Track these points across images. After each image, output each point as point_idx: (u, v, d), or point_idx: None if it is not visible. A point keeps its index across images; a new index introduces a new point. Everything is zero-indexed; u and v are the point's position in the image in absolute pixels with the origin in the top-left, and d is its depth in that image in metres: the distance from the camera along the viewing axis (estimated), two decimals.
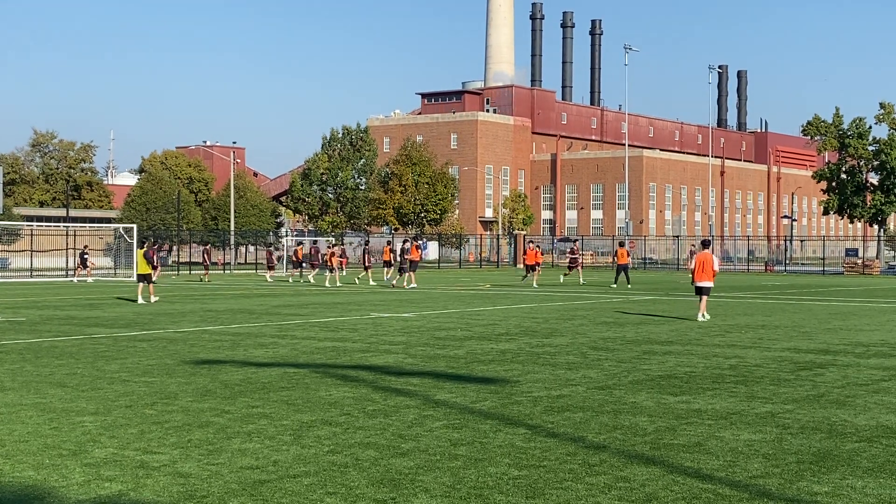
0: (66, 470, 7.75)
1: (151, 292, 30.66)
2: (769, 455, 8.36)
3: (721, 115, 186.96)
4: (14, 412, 10.31)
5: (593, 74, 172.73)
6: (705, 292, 22.98)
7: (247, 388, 11.98)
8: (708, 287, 22.99)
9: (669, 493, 7.12)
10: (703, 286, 22.95)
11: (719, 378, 13.02)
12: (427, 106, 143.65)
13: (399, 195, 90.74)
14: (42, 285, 44.82)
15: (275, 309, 27.06)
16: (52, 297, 33.90)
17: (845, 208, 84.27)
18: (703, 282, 22.94)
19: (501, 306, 28.41)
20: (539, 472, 7.70)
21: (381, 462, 8.03)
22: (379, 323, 22.11)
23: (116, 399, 11.15)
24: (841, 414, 10.33)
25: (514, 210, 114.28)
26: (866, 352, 16.38)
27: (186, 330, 20.23)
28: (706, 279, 22.93)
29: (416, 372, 13.56)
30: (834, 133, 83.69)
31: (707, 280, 22.94)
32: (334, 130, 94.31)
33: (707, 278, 22.93)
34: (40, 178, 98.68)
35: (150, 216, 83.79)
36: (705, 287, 22.94)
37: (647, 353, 16.06)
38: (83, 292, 37.14)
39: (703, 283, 22.95)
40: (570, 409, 10.54)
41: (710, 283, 23.02)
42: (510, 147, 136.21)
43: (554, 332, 19.97)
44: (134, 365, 14.25)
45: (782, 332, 19.98)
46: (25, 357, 15.30)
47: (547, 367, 14.17)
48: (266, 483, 7.36)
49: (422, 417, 9.99)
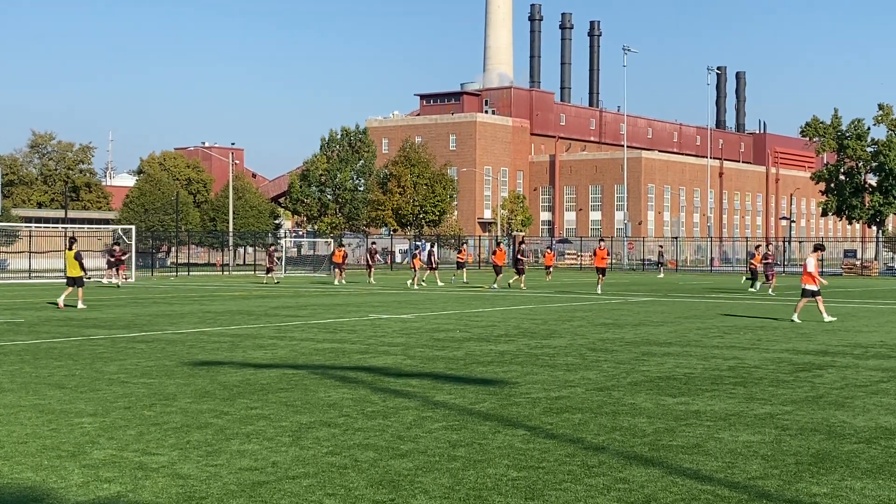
0: (65, 471, 7.74)
1: (80, 297, 28.50)
2: (768, 456, 8.36)
3: (720, 116, 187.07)
4: (13, 413, 10.31)
5: (592, 76, 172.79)
6: (806, 294, 23.57)
7: (245, 389, 11.97)
8: (808, 290, 23.42)
9: (668, 495, 7.12)
10: (805, 288, 23.59)
11: (718, 379, 13.02)
12: (426, 107, 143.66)
13: (398, 196, 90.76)
14: (40, 286, 44.79)
15: (273, 310, 27.06)
16: (51, 298, 33.86)
17: (844, 209, 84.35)
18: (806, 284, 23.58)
19: (500, 308, 28.41)
20: (538, 474, 7.70)
21: (380, 463, 8.02)
22: (378, 324, 22.10)
23: (115, 400, 11.14)
24: (840, 415, 10.33)
25: (512, 211, 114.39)
26: (865, 353, 16.38)
27: (185, 331, 20.22)
28: (809, 281, 23.53)
29: (415, 373, 13.56)
30: (832, 134, 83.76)
31: (807, 282, 23.49)
32: (333, 132, 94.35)
33: (808, 281, 23.50)
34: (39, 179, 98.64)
35: (148, 217, 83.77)
36: (807, 290, 23.53)
37: (646, 354, 16.06)
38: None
39: (805, 285, 23.60)
40: (569, 411, 10.54)
41: (810, 286, 23.46)
42: (509, 148, 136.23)
43: (553, 333, 19.97)
44: (132, 366, 14.24)
45: (781, 334, 19.99)
46: (24, 358, 15.29)
47: (546, 368, 14.17)
48: (265, 484, 7.36)
49: (421, 419, 9.99)
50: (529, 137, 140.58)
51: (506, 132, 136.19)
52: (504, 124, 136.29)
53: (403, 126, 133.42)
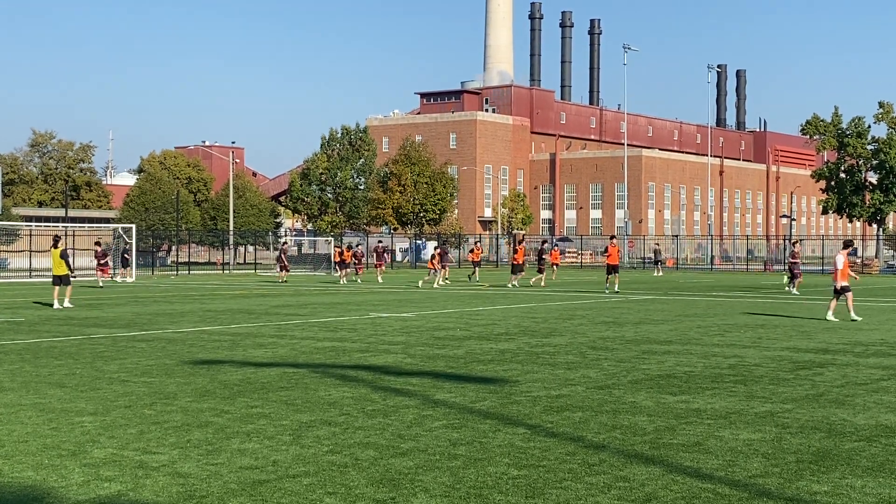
0: (66, 470, 7.74)
1: (68, 295, 28.32)
2: (768, 454, 8.36)
3: (720, 114, 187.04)
4: (13, 412, 10.31)
5: (592, 74, 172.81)
6: (839, 292, 23.88)
7: (246, 388, 11.97)
8: (842, 287, 23.75)
9: (669, 493, 7.12)
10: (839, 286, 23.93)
11: (718, 377, 13.02)
12: (426, 106, 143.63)
13: (398, 195, 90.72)
14: (41, 286, 44.78)
15: (274, 309, 27.06)
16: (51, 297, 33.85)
17: (844, 207, 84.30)
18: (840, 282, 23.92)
19: (500, 306, 28.41)
20: (538, 472, 7.70)
21: (381, 462, 8.02)
22: (378, 323, 22.10)
23: (115, 399, 11.14)
24: (840, 413, 10.33)
25: (513, 210, 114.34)
26: (865, 351, 16.38)
27: (185, 330, 20.22)
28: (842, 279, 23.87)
29: (416, 372, 13.56)
30: (833, 132, 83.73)
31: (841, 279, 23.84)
32: (333, 130, 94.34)
33: (841, 277, 23.88)
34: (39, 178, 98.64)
35: (148, 216, 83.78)
36: (840, 287, 23.84)
37: (647, 352, 16.06)
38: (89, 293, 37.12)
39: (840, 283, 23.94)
40: (570, 409, 10.54)
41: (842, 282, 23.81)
42: (509, 147, 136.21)
43: (553, 331, 19.97)
44: (133, 365, 14.25)
45: (781, 332, 19.99)
46: (24, 357, 15.29)
47: (546, 366, 14.17)
48: (265, 483, 7.36)
49: (421, 417, 9.99)
50: (530, 136, 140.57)
51: (506, 131, 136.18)
52: (504, 123, 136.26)
53: (404, 125, 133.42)
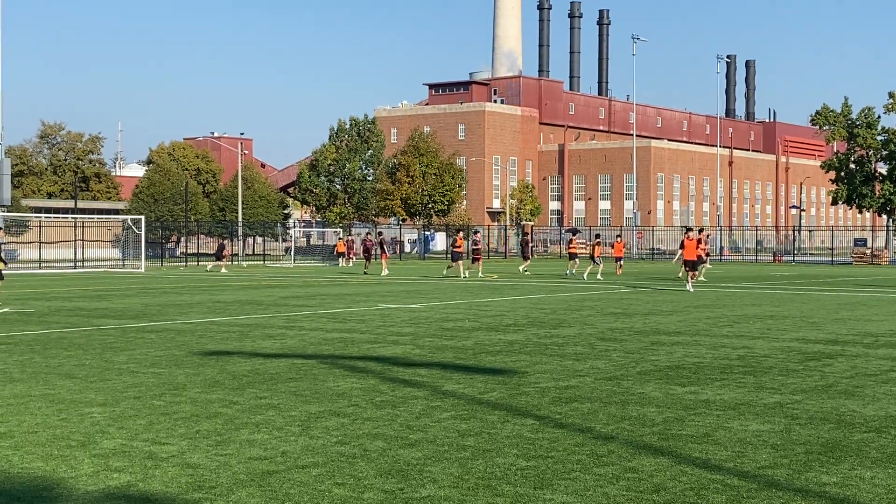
0: (75, 461, 7.76)
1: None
2: (778, 445, 8.34)
3: (729, 104, 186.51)
4: (23, 403, 10.34)
5: (601, 65, 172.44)
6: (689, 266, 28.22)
7: (255, 379, 11.99)
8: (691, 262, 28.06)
9: (678, 484, 7.11)
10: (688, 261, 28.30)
11: (727, 369, 13.00)
12: (434, 96, 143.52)
13: (406, 186, 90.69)
14: (51, 277, 44.92)
15: (283, 300, 27.09)
16: (61, 288, 33.98)
17: (854, 198, 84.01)
18: None
19: (509, 297, 28.40)
20: (547, 463, 7.69)
21: (390, 453, 8.03)
22: (387, 314, 22.11)
23: (125, 390, 11.16)
24: (850, 404, 10.30)
25: (521, 201, 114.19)
26: (875, 342, 16.33)
27: (195, 321, 20.25)
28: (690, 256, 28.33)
29: (424, 363, 13.57)
30: (843, 123, 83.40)
31: None
32: (342, 121, 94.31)
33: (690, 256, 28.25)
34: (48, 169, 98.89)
35: (157, 207, 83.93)
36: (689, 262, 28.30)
37: (655, 343, 16.04)
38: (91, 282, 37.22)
39: None
40: (578, 400, 10.53)
41: None
42: (518, 137, 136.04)
43: (562, 322, 19.96)
44: (142, 356, 14.28)
45: (791, 323, 19.94)
46: (34, 348, 15.33)
47: (555, 357, 14.16)
48: (274, 474, 7.37)
49: (430, 408, 9.99)
50: (538, 127, 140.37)
51: (514, 121, 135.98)
52: (513, 113, 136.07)
53: (412, 115, 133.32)
